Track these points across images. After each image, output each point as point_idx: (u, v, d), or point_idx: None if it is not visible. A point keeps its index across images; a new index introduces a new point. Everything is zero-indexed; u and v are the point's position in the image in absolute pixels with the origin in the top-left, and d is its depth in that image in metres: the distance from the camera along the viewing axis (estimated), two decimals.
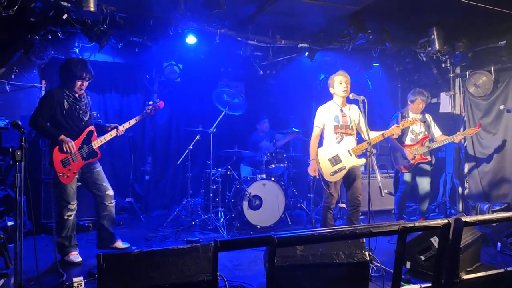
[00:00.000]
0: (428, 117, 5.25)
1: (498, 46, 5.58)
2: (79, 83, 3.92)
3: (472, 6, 4.35)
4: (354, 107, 4.34)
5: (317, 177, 4.22)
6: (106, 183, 4.21)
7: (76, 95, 3.98)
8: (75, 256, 3.95)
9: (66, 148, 3.81)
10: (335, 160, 4.14)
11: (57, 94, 3.89)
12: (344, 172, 4.14)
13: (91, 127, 4.09)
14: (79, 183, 4.15)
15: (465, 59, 5.80)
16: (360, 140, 4.31)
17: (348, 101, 4.27)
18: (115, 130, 4.21)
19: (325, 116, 4.24)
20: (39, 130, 3.95)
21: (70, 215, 3.97)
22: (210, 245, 2.62)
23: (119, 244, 4.28)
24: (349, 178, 4.22)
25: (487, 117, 6.00)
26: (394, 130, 4.21)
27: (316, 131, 4.30)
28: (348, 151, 4.14)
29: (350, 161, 4.14)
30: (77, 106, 3.98)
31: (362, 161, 4.16)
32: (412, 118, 4.65)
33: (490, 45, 5.66)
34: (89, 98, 4.20)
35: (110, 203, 4.21)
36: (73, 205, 3.99)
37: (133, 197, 6.34)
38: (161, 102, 4.50)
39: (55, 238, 3.83)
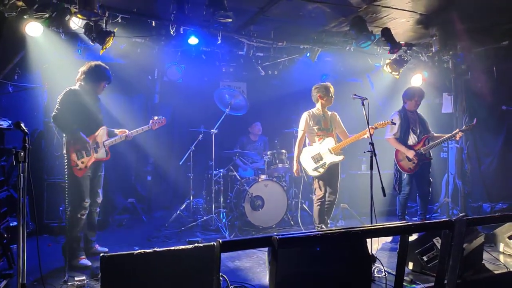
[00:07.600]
0: (421, 114, 5.23)
1: (501, 46, 5.56)
2: (103, 85, 4.20)
3: (474, 5, 4.35)
4: (333, 113, 4.96)
5: (300, 175, 4.95)
6: (100, 191, 4.26)
7: (97, 95, 4.22)
8: (84, 261, 3.90)
9: (84, 147, 3.94)
10: (317, 157, 4.75)
11: (80, 93, 4.05)
12: (325, 167, 4.70)
13: (104, 127, 4.26)
14: None
15: (467, 59, 5.77)
16: (339, 140, 4.85)
17: (328, 108, 4.96)
18: (125, 135, 4.35)
19: (310, 121, 4.83)
20: (60, 126, 4.03)
21: (84, 214, 3.96)
22: (213, 245, 2.62)
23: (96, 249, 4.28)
24: (330, 174, 4.75)
25: (490, 118, 5.98)
26: (367, 132, 4.30)
27: (300, 135, 4.89)
28: (329, 149, 4.72)
29: (330, 158, 4.70)
30: (96, 105, 4.21)
31: (341, 157, 4.73)
32: (385, 121, 4.65)
33: (493, 45, 5.65)
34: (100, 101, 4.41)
35: (96, 209, 4.25)
36: (87, 203, 3.98)
37: (135, 197, 6.36)
38: (164, 119, 4.72)
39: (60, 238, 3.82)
